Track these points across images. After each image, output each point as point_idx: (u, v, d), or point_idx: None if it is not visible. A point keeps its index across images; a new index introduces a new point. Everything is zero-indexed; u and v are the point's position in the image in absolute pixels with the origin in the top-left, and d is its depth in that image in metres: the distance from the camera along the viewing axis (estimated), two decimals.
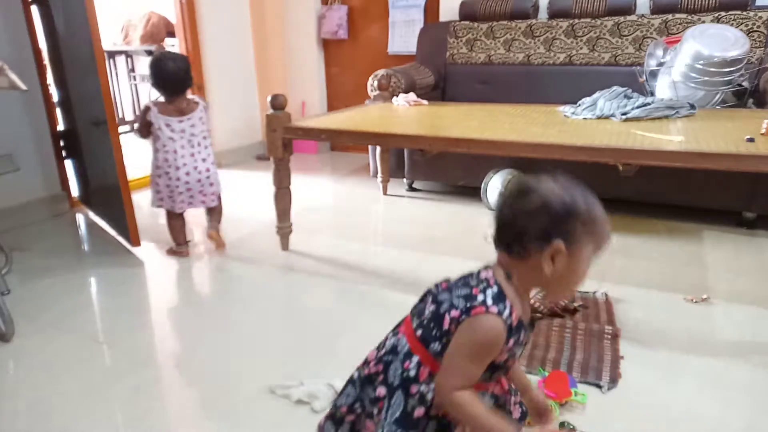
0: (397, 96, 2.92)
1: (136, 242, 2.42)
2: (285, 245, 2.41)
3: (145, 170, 3.70)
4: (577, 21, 3.16)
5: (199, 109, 2.30)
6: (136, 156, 4.25)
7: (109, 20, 4.73)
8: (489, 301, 0.84)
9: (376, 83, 3.07)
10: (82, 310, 1.95)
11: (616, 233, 2.47)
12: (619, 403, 1.36)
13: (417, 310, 0.96)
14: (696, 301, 1.86)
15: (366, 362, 1.00)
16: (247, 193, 2.94)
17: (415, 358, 0.90)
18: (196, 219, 2.75)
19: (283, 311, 1.93)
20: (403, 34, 3.97)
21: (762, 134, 1.76)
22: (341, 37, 4.20)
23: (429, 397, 0.89)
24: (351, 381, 1.00)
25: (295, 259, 2.33)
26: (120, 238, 2.55)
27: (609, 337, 1.63)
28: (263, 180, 2.82)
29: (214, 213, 2.46)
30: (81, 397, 1.46)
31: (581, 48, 3.17)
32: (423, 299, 0.97)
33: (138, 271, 2.28)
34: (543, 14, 3.36)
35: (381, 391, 0.93)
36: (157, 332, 1.82)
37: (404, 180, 3.26)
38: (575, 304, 1.79)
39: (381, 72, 3.14)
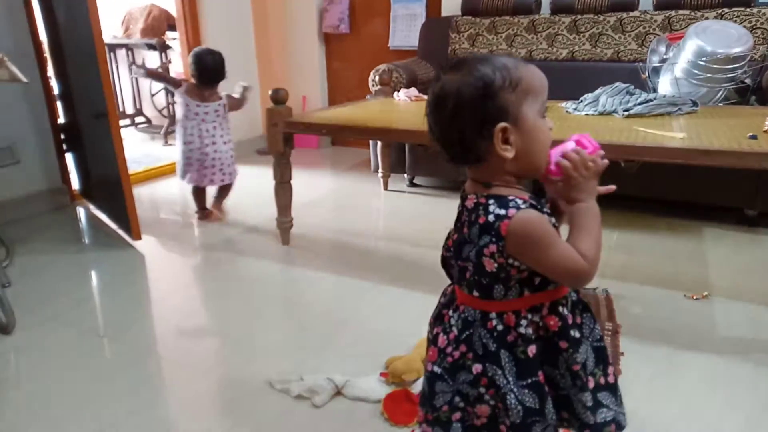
0: (398, 91, 2.92)
1: (137, 236, 2.42)
2: (286, 240, 2.40)
3: (145, 164, 3.72)
4: (579, 17, 3.15)
5: (218, 104, 2.61)
6: (137, 150, 4.27)
7: (110, 13, 4.71)
8: (502, 211, 0.78)
9: (377, 78, 3.06)
10: (83, 303, 1.95)
11: (618, 230, 2.47)
12: None
13: (459, 280, 0.88)
14: (697, 298, 1.86)
15: (441, 353, 0.88)
16: (247, 188, 2.94)
17: (492, 314, 0.84)
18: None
19: (283, 306, 1.93)
20: (405, 29, 3.95)
21: (765, 131, 1.75)
22: (343, 32, 4.19)
23: (528, 331, 0.83)
24: (433, 378, 0.89)
25: (295, 254, 2.33)
26: (121, 232, 2.55)
27: (609, 333, 1.63)
28: (264, 174, 2.82)
29: (222, 194, 2.76)
30: (82, 389, 1.46)
31: (584, 44, 3.15)
32: (449, 270, 0.92)
33: (139, 265, 2.28)
34: (546, 10, 3.34)
35: (477, 367, 0.84)
36: (158, 326, 1.82)
37: (405, 175, 3.25)
38: None
39: (382, 67, 3.13)
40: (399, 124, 2.15)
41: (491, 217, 0.78)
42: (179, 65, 4.09)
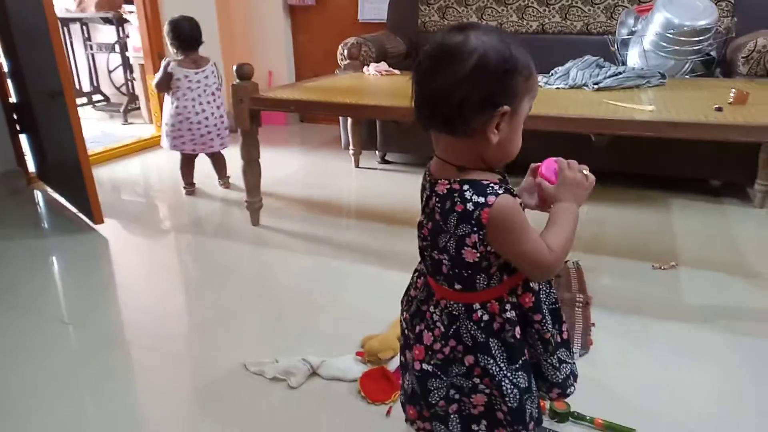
0: (368, 65, 2.86)
1: (99, 219, 2.33)
2: (255, 220, 2.35)
3: (105, 144, 3.58)
4: None
5: (210, 64, 2.66)
6: (96, 129, 4.10)
7: None
8: (481, 199, 0.75)
9: (346, 52, 2.99)
10: (45, 290, 1.88)
11: (588, 203, 2.49)
12: (592, 369, 1.38)
13: (433, 271, 0.86)
14: (664, 268, 1.90)
15: (429, 350, 0.86)
16: (210, 167, 2.86)
17: (476, 305, 0.82)
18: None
19: (255, 288, 1.89)
20: (374, 1, 3.86)
21: (729, 103, 1.78)
22: (309, 3, 4.07)
23: (512, 314, 0.83)
24: (425, 376, 0.87)
25: (266, 235, 2.28)
26: (82, 216, 2.45)
27: (580, 304, 1.65)
28: (231, 153, 2.74)
29: (221, 168, 2.83)
30: (47, 379, 1.41)
31: (554, 16, 3.14)
32: (424, 260, 0.89)
33: (102, 249, 2.20)
34: None
35: (469, 359, 0.83)
36: (125, 311, 1.77)
37: (377, 152, 3.22)
38: None
39: (351, 40, 3.05)
40: (369, 100, 2.11)
41: (470, 206, 0.76)
42: (137, 39, 3.91)
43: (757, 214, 2.37)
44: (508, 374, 0.83)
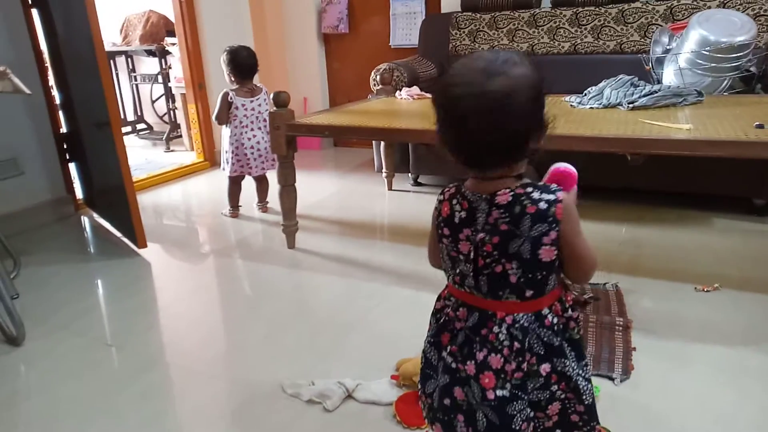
0: (400, 90, 2.90)
1: (142, 244, 2.42)
2: (291, 243, 2.40)
3: (148, 171, 3.72)
4: (581, 9, 3.13)
5: (264, 92, 2.77)
6: (140, 156, 4.27)
7: (108, 20, 4.72)
8: (551, 197, 0.78)
9: (378, 77, 3.05)
10: (90, 312, 1.95)
11: (626, 223, 2.45)
12: (633, 394, 1.35)
13: (494, 290, 0.84)
14: (707, 290, 1.84)
15: (501, 373, 0.82)
16: (252, 191, 2.93)
17: (545, 311, 0.84)
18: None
19: (291, 310, 1.92)
20: (405, 27, 3.94)
21: None
22: (342, 32, 4.18)
23: (573, 312, 0.86)
24: (503, 402, 0.82)
25: (301, 257, 2.32)
26: (126, 240, 2.55)
27: (620, 328, 1.61)
28: (269, 178, 2.82)
29: (264, 191, 2.93)
30: (91, 399, 1.46)
31: (586, 36, 3.13)
32: (477, 280, 0.84)
33: (145, 273, 2.28)
34: (546, 3, 3.32)
35: (545, 368, 0.83)
36: (166, 333, 1.82)
37: (409, 175, 3.24)
38: (586, 296, 1.78)
39: (383, 66, 3.11)
40: (402, 124, 2.14)
41: (542, 204, 0.78)
42: (179, 70, 4.08)
43: None
44: (581, 371, 0.85)
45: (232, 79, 2.70)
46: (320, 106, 4.32)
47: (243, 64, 2.68)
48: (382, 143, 3.11)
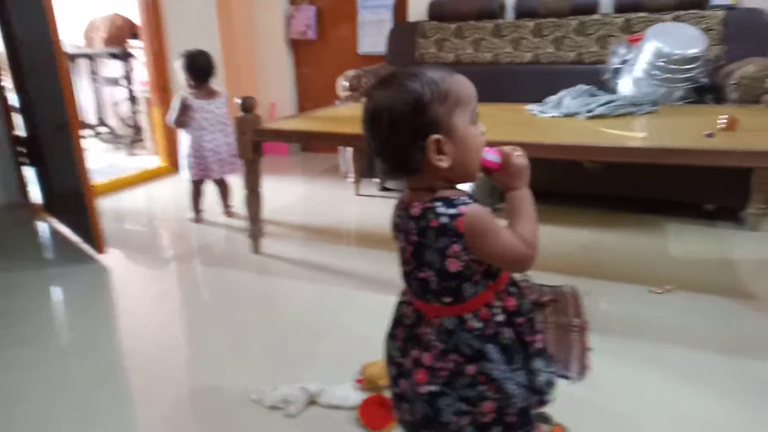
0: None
1: (102, 249, 2.36)
2: (257, 248, 2.38)
3: (110, 175, 3.64)
4: (543, 20, 3.22)
5: (222, 95, 2.77)
6: (101, 160, 4.17)
7: (72, 23, 4.60)
8: (453, 210, 0.81)
9: (347, 83, 3.07)
10: (49, 321, 1.90)
11: (585, 228, 2.52)
12: (590, 394, 1.39)
13: (422, 292, 0.89)
14: (661, 292, 1.91)
15: (432, 370, 0.88)
16: (215, 196, 2.90)
17: (467, 315, 0.86)
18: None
19: (257, 316, 1.91)
20: (373, 34, 3.98)
21: (719, 129, 1.82)
22: (310, 38, 4.19)
23: (503, 318, 0.87)
24: (433, 398, 0.88)
25: (267, 263, 2.31)
26: (85, 246, 2.48)
27: (577, 329, 1.66)
28: (233, 182, 2.80)
29: (226, 195, 2.89)
30: (54, 410, 1.42)
31: (547, 47, 3.22)
32: (410, 286, 0.93)
33: (105, 279, 2.23)
34: (510, 14, 3.41)
35: (471, 369, 0.86)
36: (128, 341, 1.78)
37: (376, 180, 3.26)
38: (545, 298, 1.82)
39: (351, 72, 3.13)
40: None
41: (444, 219, 0.82)
42: (142, 73, 4.02)
43: (750, 237, 2.39)
44: (510, 375, 0.87)
45: (191, 83, 2.70)
46: (289, 112, 4.31)
47: (200, 67, 2.68)
48: (349, 149, 3.13)
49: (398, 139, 0.81)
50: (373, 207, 3.04)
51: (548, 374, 0.94)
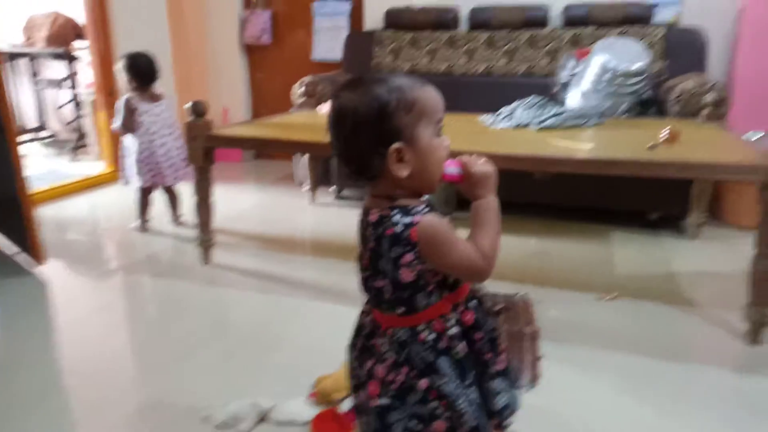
0: (323, 104, 2.90)
1: (40, 260, 2.24)
2: (207, 259, 2.31)
3: (51, 182, 3.46)
4: (496, 33, 3.29)
5: (166, 99, 2.68)
6: (42, 166, 3.97)
7: (8, 19, 4.38)
8: (408, 219, 0.80)
9: (303, 89, 3.04)
10: None
11: (534, 236, 2.58)
12: (541, 400, 1.41)
13: (377, 302, 0.89)
14: (608, 299, 1.97)
15: (383, 383, 0.87)
16: (164, 204, 2.81)
17: (421, 326, 0.85)
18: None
19: (205, 328, 1.85)
20: (328, 41, 3.96)
21: (662, 141, 1.90)
22: (265, 42, 4.13)
23: (456, 330, 0.86)
24: (383, 411, 0.86)
25: (218, 273, 2.25)
26: (22, 257, 2.34)
27: (528, 337, 1.69)
28: (183, 190, 2.71)
29: (176, 203, 2.79)
30: None
31: (500, 59, 3.29)
32: (368, 291, 0.91)
33: (43, 291, 2.11)
34: (465, 25, 3.46)
35: (423, 383, 0.84)
36: (67, 356, 1.69)
37: (332, 188, 3.24)
38: (498, 307, 1.84)
39: (307, 79, 3.11)
40: (325, 138, 2.14)
41: (398, 228, 0.81)
42: (86, 76, 3.85)
43: (691, 246, 2.50)
44: (462, 392, 0.85)
45: (134, 85, 2.60)
46: (242, 117, 4.23)
47: (144, 70, 2.60)
48: (304, 156, 3.09)
49: (360, 144, 0.81)
50: (329, 216, 3.01)
51: (510, 397, 0.92)
